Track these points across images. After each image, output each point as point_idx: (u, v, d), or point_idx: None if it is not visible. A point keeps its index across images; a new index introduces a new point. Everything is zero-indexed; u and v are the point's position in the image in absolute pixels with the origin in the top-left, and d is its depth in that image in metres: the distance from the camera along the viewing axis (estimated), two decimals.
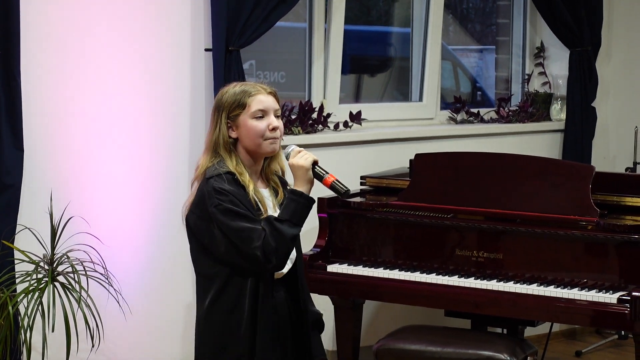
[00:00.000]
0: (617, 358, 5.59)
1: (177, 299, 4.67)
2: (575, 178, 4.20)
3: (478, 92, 6.55)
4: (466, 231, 4.32)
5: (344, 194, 3.15)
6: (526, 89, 6.13)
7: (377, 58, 6.12)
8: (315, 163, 3.14)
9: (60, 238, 4.05)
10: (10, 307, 3.89)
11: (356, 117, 5.27)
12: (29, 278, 4.02)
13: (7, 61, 4.07)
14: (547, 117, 6.03)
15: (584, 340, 5.87)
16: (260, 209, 3.10)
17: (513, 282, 4.15)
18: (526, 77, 6.14)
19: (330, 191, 4.49)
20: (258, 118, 3.14)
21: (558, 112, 6.01)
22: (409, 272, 4.32)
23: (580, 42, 5.83)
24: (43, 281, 3.99)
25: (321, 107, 5.17)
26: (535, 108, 6.00)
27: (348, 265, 4.44)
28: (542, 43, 6.11)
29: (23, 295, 3.97)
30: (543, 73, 6.11)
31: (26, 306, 3.94)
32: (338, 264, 4.45)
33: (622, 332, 5.77)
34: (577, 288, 4.05)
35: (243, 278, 3.08)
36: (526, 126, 5.87)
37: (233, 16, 4.55)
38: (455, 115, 5.78)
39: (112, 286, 4.11)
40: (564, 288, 4.06)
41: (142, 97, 4.52)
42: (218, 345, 3.12)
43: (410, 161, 4.70)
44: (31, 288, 3.98)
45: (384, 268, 4.38)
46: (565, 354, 5.64)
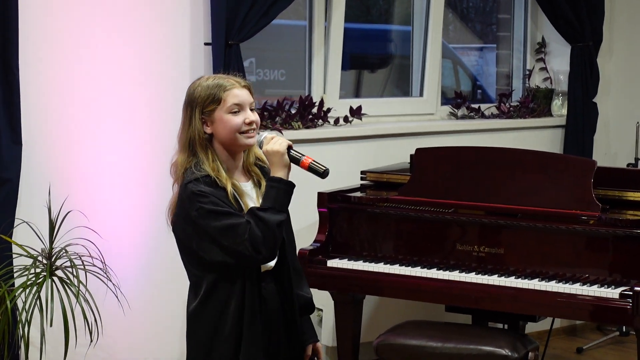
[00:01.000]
0: (619, 355, 5.57)
1: (176, 294, 4.62)
2: (576, 173, 4.18)
3: (478, 91, 6.54)
4: (467, 226, 4.30)
5: (323, 174, 3.08)
6: (527, 85, 6.11)
7: (378, 56, 6.10)
8: (289, 147, 3.08)
9: (58, 232, 4.04)
10: (8, 302, 3.88)
11: (356, 112, 5.25)
12: (27, 272, 4.00)
13: (6, 54, 4.05)
14: (548, 113, 6.01)
15: (585, 336, 5.85)
16: (242, 208, 3.05)
17: (514, 277, 4.13)
18: (527, 73, 6.12)
19: (331, 187, 4.55)
20: (234, 113, 3.07)
21: (559, 108, 5.99)
22: (410, 267, 4.30)
23: (581, 38, 5.81)
24: (41, 275, 3.97)
25: (321, 102, 5.15)
26: (536, 103, 5.98)
27: (348, 260, 4.42)
28: (543, 38, 6.10)
29: (21, 289, 3.95)
30: (544, 68, 6.09)
31: (24, 301, 3.92)
32: (338, 259, 4.42)
33: (624, 329, 5.76)
34: (579, 283, 4.03)
35: (232, 278, 3.04)
36: (527, 122, 5.85)
37: (233, 10, 4.54)
38: (456, 110, 5.76)
39: (111, 280, 4.10)
40: (566, 283, 4.04)
41: (141, 91, 4.50)
42: (208, 343, 3.10)
43: (410, 156, 4.68)
44: (29, 282, 3.96)
45: (385, 263, 4.36)
46: (566, 351, 5.62)
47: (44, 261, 4.01)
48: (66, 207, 4.11)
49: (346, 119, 5.23)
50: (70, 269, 3.99)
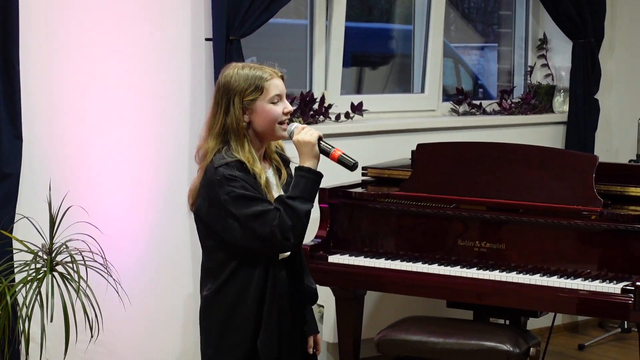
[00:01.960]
0: (620, 351, 5.57)
1: (177, 289, 4.65)
2: (578, 168, 4.18)
3: (480, 90, 6.53)
4: (468, 221, 4.29)
5: (353, 167, 3.15)
6: (529, 81, 6.10)
7: (379, 55, 6.09)
8: (320, 138, 3.14)
9: (59, 227, 4.03)
10: (8, 297, 3.86)
11: (357, 108, 5.24)
12: (28, 268, 3.99)
13: (6, 49, 4.04)
14: (550, 109, 6.00)
15: (587, 333, 5.85)
16: (267, 195, 3.10)
17: (516, 273, 4.12)
18: (529, 69, 6.11)
19: (332, 183, 4.55)
20: (274, 103, 3.13)
21: (561, 104, 5.98)
22: (411, 263, 4.29)
23: (583, 34, 5.80)
24: (42, 271, 3.96)
25: (322, 98, 5.14)
26: (537, 100, 5.97)
27: (349, 255, 4.41)
28: (545, 35, 6.09)
29: (21, 285, 3.94)
30: (546, 65, 6.08)
31: (24, 296, 3.91)
32: (339, 255, 4.42)
33: (625, 326, 5.75)
34: (581, 278, 4.02)
35: (254, 262, 3.09)
36: (529, 118, 5.85)
37: (234, 5, 4.53)
38: (457, 107, 5.75)
39: (112, 276, 4.08)
40: (567, 278, 4.03)
41: (142, 87, 4.49)
42: (223, 327, 3.12)
43: (412, 152, 4.67)
44: (29, 278, 3.95)
45: (386, 259, 4.35)
46: (568, 347, 5.61)
47: (45, 256, 4.00)
48: (67, 203, 4.10)
49: (347, 115, 5.22)
50: (70, 265, 3.97)
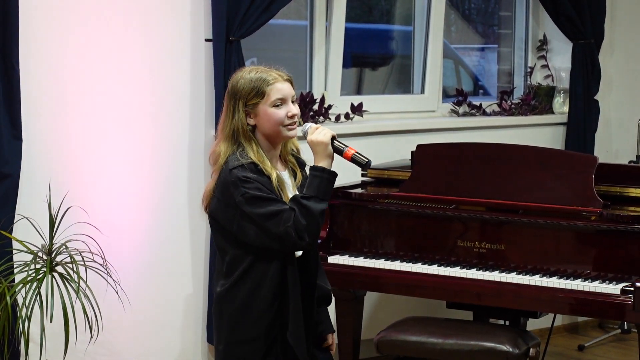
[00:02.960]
0: (620, 352, 5.56)
1: (177, 290, 4.65)
2: (578, 168, 4.18)
3: (480, 91, 6.53)
4: (468, 222, 4.29)
5: (366, 165, 3.17)
6: (529, 82, 6.10)
7: (379, 56, 6.09)
8: (333, 138, 3.16)
9: (58, 228, 4.03)
10: (8, 298, 3.86)
11: (357, 109, 5.24)
12: (27, 268, 3.99)
13: (6, 49, 4.04)
14: (550, 110, 6.00)
15: (587, 334, 5.85)
16: (282, 196, 3.13)
17: (515, 273, 4.12)
18: (529, 70, 6.11)
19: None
20: (277, 106, 3.17)
21: (561, 105, 5.98)
22: (411, 263, 4.29)
23: (583, 35, 5.80)
24: (41, 271, 3.96)
25: (322, 99, 5.14)
26: (537, 101, 5.97)
27: (349, 256, 4.41)
28: (545, 36, 6.09)
29: (21, 285, 3.94)
30: (546, 66, 6.08)
31: (24, 296, 3.91)
32: (339, 255, 4.42)
33: (625, 327, 5.75)
34: (580, 279, 4.02)
35: (269, 259, 3.13)
36: (528, 119, 5.84)
37: (233, 6, 4.53)
38: (457, 107, 5.75)
39: (111, 276, 4.08)
40: (567, 279, 4.04)
41: (142, 87, 4.49)
42: (237, 321, 3.16)
43: (411, 153, 4.67)
44: (29, 278, 3.94)
45: (386, 259, 4.35)
46: (567, 348, 5.61)
47: (44, 257, 4.00)
48: (66, 203, 4.10)
49: (347, 116, 5.22)
50: (70, 265, 3.97)
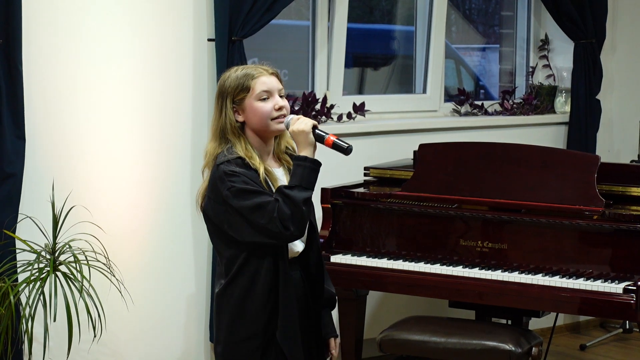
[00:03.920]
0: (622, 352, 5.57)
1: (180, 289, 4.65)
2: (580, 168, 4.18)
3: (481, 91, 6.54)
4: (470, 221, 4.30)
5: (347, 150, 3.16)
6: (530, 82, 6.11)
7: (381, 56, 6.10)
8: (314, 127, 3.16)
9: (62, 227, 4.04)
10: (11, 297, 3.87)
11: (360, 109, 5.25)
12: (31, 268, 4.00)
13: (9, 50, 4.05)
14: (552, 110, 6.00)
15: (589, 334, 5.85)
16: (272, 190, 3.12)
17: (518, 273, 4.13)
18: (530, 70, 6.12)
19: (334, 183, 4.56)
20: (263, 100, 3.17)
21: (562, 105, 5.99)
22: (413, 263, 4.30)
23: (584, 35, 5.81)
24: (45, 271, 3.97)
25: (324, 99, 5.15)
26: (539, 100, 5.98)
27: (352, 255, 4.41)
28: (547, 36, 6.09)
29: (24, 284, 3.95)
30: (547, 66, 6.08)
31: (28, 296, 3.92)
32: (341, 255, 4.42)
33: (627, 326, 5.75)
34: (583, 278, 4.03)
35: (261, 256, 3.11)
36: (530, 119, 5.85)
37: (236, 6, 4.53)
38: (459, 107, 5.75)
39: (114, 276, 4.09)
40: (569, 278, 4.04)
41: (145, 87, 4.50)
42: (233, 320, 3.15)
43: (414, 152, 4.68)
44: (33, 278, 3.96)
45: (388, 258, 4.35)
46: (569, 348, 5.61)
47: (48, 256, 4.01)
48: (70, 202, 4.11)
49: (349, 116, 5.23)
50: (73, 264, 3.98)
